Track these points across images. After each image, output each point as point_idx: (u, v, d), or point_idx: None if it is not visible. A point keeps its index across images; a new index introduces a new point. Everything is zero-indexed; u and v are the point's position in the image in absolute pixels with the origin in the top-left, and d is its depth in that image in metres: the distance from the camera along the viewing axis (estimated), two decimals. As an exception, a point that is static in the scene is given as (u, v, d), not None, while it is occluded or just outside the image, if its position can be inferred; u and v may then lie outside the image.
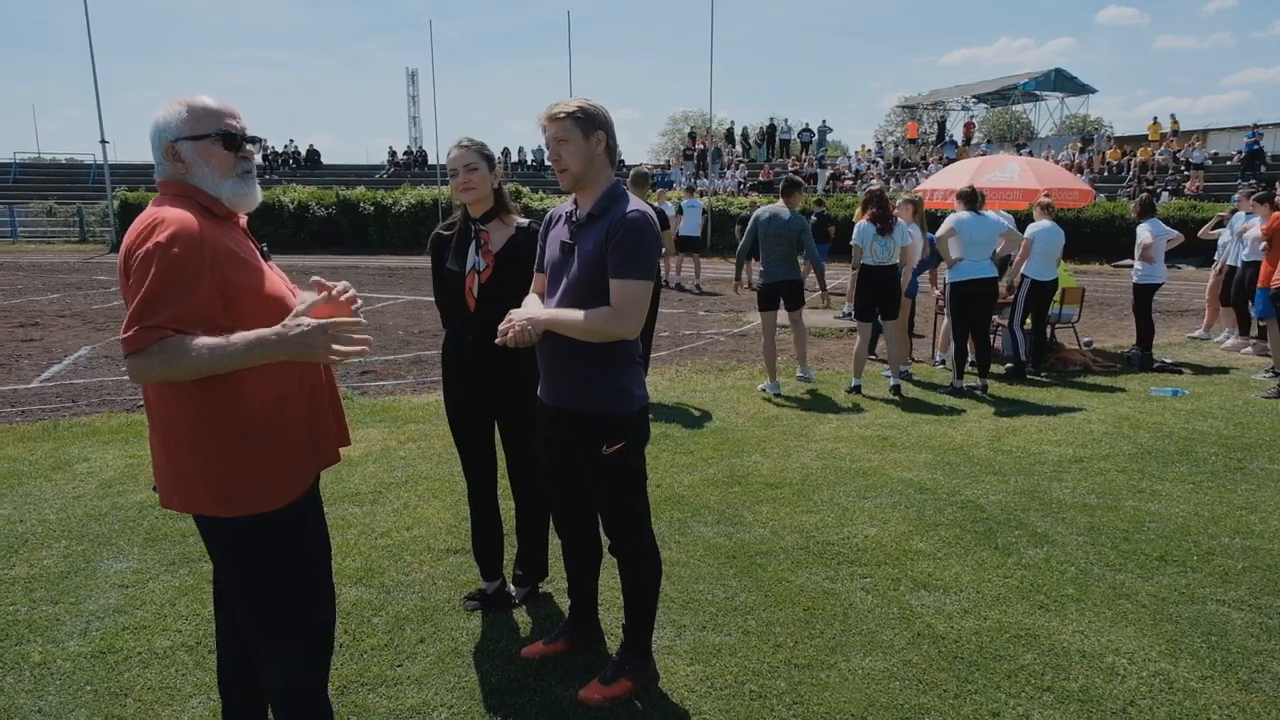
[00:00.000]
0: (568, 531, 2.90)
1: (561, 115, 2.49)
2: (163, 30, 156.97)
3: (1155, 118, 30.93)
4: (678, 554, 3.86)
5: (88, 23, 25.03)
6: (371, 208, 24.46)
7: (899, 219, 7.34)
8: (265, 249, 2.34)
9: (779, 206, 7.30)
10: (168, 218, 1.86)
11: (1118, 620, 3.26)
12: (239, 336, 1.82)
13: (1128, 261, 21.13)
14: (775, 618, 3.28)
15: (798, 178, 8.36)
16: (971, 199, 7.50)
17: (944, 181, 10.06)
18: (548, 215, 2.79)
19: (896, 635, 3.15)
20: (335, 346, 1.86)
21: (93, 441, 5.51)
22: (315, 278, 2.01)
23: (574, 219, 2.61)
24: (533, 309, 2.61)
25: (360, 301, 2.04)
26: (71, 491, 4.56)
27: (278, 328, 1.85)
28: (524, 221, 3.25)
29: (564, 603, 3.38)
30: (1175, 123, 30.43)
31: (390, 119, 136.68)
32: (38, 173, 33.67)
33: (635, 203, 2.53)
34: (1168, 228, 8.98)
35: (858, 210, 8.15)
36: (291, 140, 34.80)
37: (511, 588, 3.45)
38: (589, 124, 2.51)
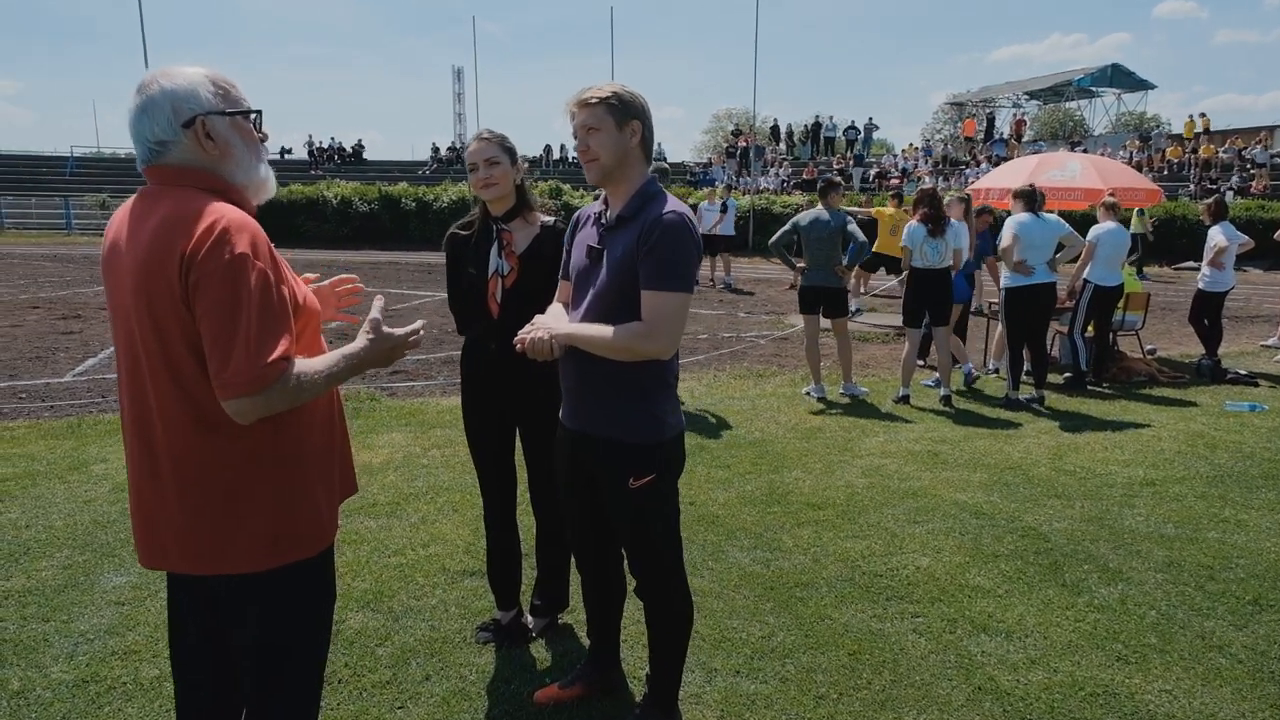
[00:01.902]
0: (588, 567, 2.61)
1: (594, 100, 2.20)
2: (215, 27, 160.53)
3: (1190, 115, 29.81)
4: (710, 583, 3.55)
5: (141, 18, 25.46)
6: (413, 203, 24.46)
7: (950, 218, 6.93)
8: None
9: (819, 210, 6.95)
10: (232, 219, 1.57)
11: (1210, 678, 2.87)
12: (337, 356, 1.72)
13: (1191, 264, 20.34)
14: (817, 663, 2.95)
15: (836, 178, 7.98)
16: (1031, 199, 7.05)
17: (1000, 180, 9.57)
18: (575, 216, 2.50)
19: (954, 689, 2.80)
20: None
21: (113, 440, 5.37)
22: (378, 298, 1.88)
23: (603, 221, 2.32)
24: (555, 321, 2.32)
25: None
26: (83, 495, 4.40)
27: (363, 341, 1.77)
28: (549, 219, 2.98)
29: (584, 635, 3.10)
30: (1206, 120, 29.23)
31: (436, 116, 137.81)
32: (95, 167, 34.41)
33: (673, 203, 2.22)
34: (1239, 232, 8.43)
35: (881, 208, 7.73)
36: (334, 137, 35.09)
37: (529, 618, 3.18)
38: (624, 112, 2.21)
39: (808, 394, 6.99)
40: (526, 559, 3.27)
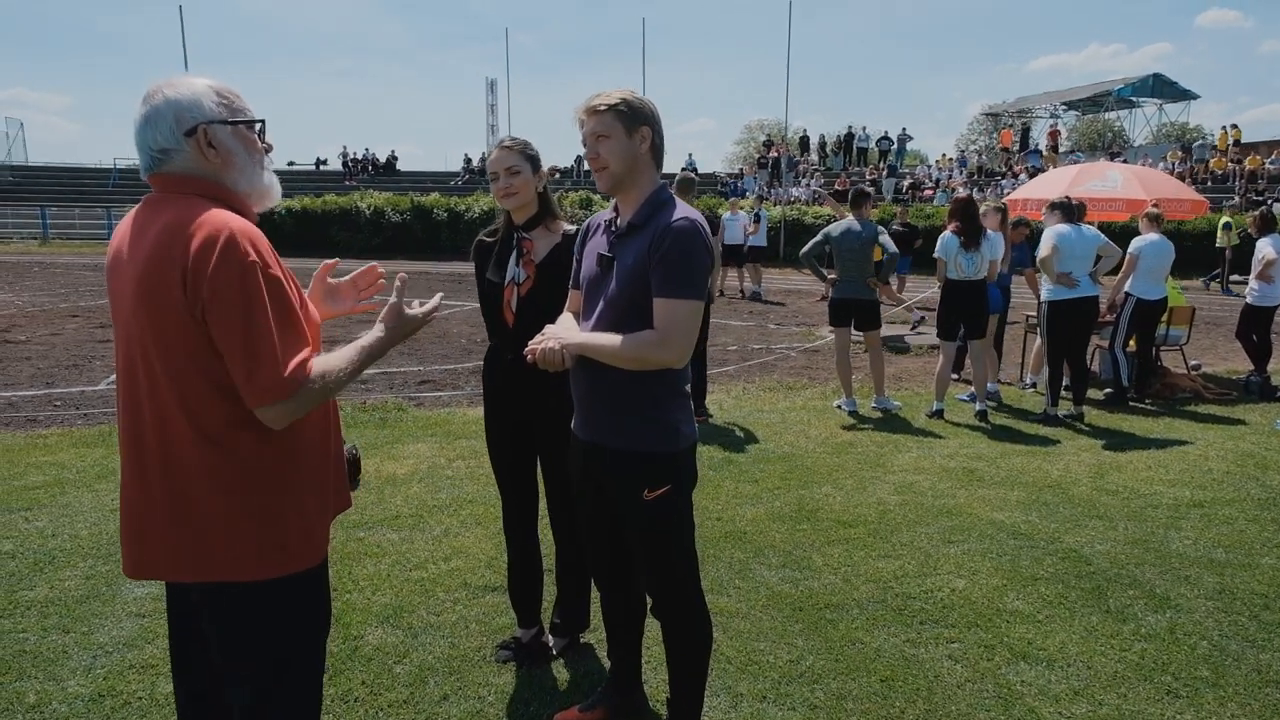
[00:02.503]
0: (606, 583, 2.53)
1: (602, 108, 2.14)
2: (255, 42, 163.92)
3: (1224, 126, 29.23)
4: (737, 603, 3.45)
5: (183, 33, 26.01)
6: (445, 214, 24.67)
7: (986, 229, 6.75)
8: None
9: (850, 220, 6.82)
10: (236, 227, 1.57)
11: (1268, 715, 2.71)
12: (355, 349, 1.74)
13: (1238, 278, 19.80)
14: (848, 689, 2.84)
15: (868, 187, 7.84)
16: (1069, 210, 6.87)
17: (1038, 191, 9.35)
18: (584, 225, 2.44)
19: (993, 721, 2.67)
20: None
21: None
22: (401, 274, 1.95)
23: (614, 229, 2.25)
24: (565, 330, 2.26)
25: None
26: (110, 503, 4.41)
27: (380, 330, 1.80)
28: (571, 229, 2.92)
29: (605, 656, 3.01)
30: (1238, 131, 28.62)
31: (469, 128, 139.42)
32: (136, 178, 35.02)
33: (683, 210, 2.16)
34: None
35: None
36: (368, 148, 35.50)
37: (549, 637, 3.10)
38: (633, 119, 2.15)
39: (839, 407, 6.86)
40: (549, 573, 3.20)
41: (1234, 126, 29.00)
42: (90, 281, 16.43)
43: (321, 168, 36.27)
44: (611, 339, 2.12)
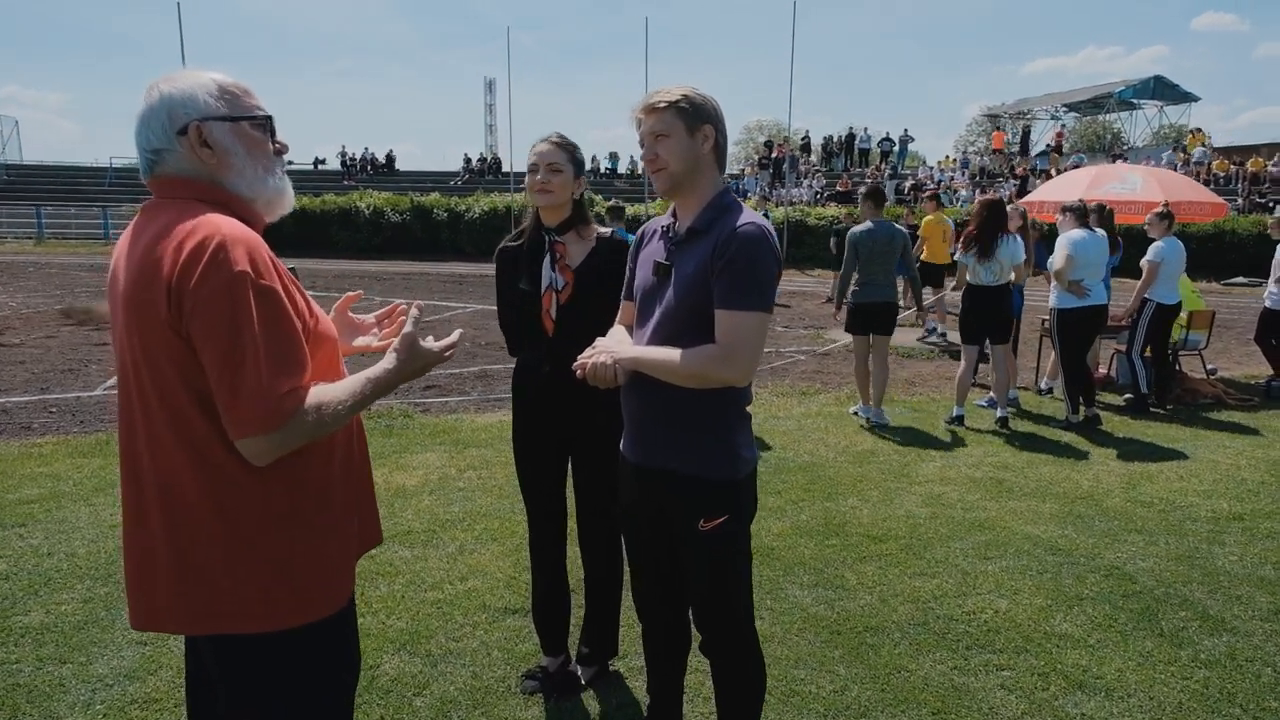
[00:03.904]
0: (651, 615, 2.36)
1: (662, 105, 1.97)
2: (254, 41, 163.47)
3: (1191, 130, 29.52)
4: (771, 626, 3.28)
5: (180, 32, 25.72)
6: (445, 214, 24.49)
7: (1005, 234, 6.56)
8: (294, 269, 1.89)
9: (866, 223, 6.50)
10: (227, 234, 1.38)
11: (1349, 753, 2.55)
12: (361, 380, 1.53)
13: (1241, 279, 19.68)
14: (898, 724, 2.67)
15: (883, 184, 7.63)
16: (1083, 214, 6.71)
17: (1055, 193, 9.19)
18: (639, 231, 2.26)
19: (1057, 760, 2.51)
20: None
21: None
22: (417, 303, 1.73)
23: (671, 235, 2.08)
24: (618, 344, 2.08)
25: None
26: (108, 519, 4.22)
27: (392, 361, 1.60)
28: (605, 231, 2.74)
29: (637, 684, 2.84)
30: (1202, 135, 28.97)
31: (468, 128, 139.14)
32: (133, 177, 34.60)
33: (749, 215, 1.98)
34: None
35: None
36: (367, 147, 35.32)
37: (577, 666, 2.92)
38: (695, 116, 1.98)
39: (854, 414, 6.67)
40: (574, 593, 3.02)
41: (1199, 130, 29.27)
42: (86, 282, 16.21)
43: (320, 167, 36.02)
44: (670, 354, 1.95)
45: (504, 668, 2.96)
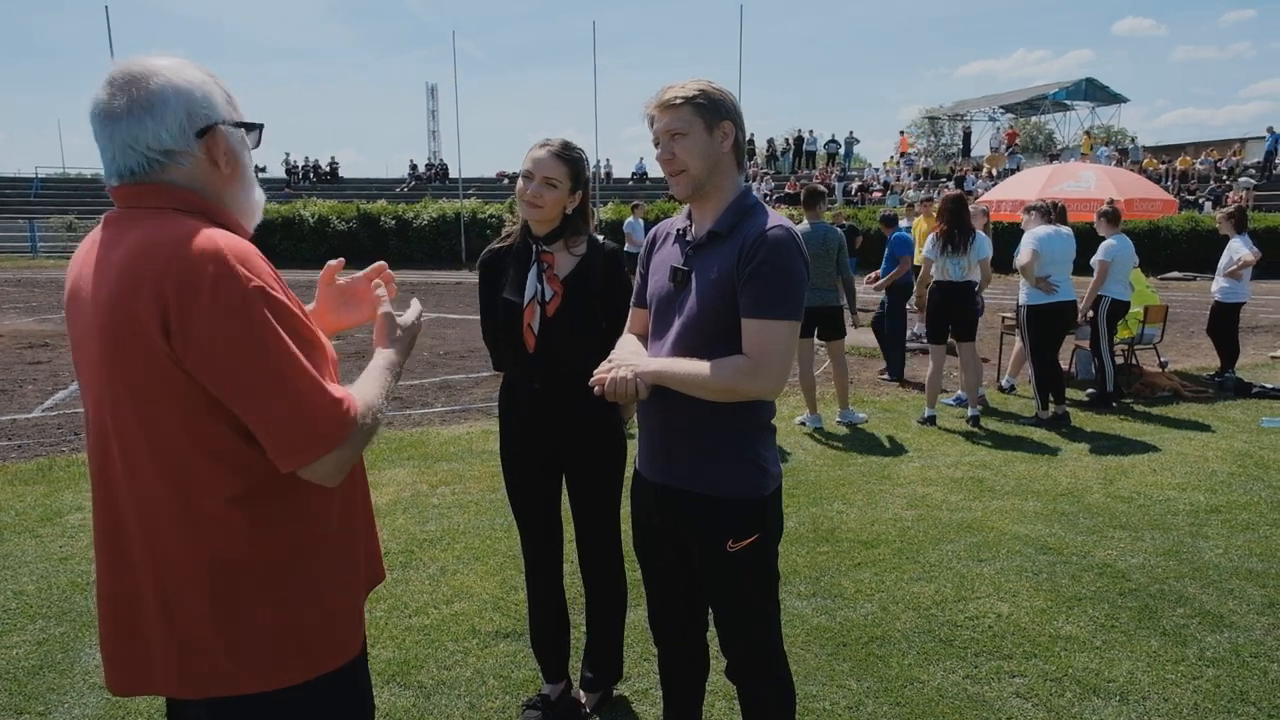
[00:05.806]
0: (668, 641, 2.23)
1: (678, 101, 1.85)
2: (185, 44, 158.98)
3: (1086, 131, 31.03)
4: (776, 640, 3.17)
5: (110, 37, 24.79)
6: (393, 221, 24.03)
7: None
8: None
9: (804, 225, 6.34)
10: (224, 246, 1.21)
11: (1368, 749, 2.54)
12: (382, 372, 1.45)
13: (1176, 274, 20.33)
14: (920, 739, 2.58)
15: (820, 186, 7.50)
16: (1047, 212, 6.79)
17: (1012, 192, 9.34)
18: (650, 233, 2.14)
19: (1086, 770, 2.45)
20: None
21: (90, 485, 4.90)
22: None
23: (689, 238, 1.96)
24: (637, 357, 1.95)
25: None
26: (59, 551, 3.93)
27: (396, 347, 1.52)
28: (599, 237, 2.61)
29: (644, 709, 2.71)
30: (1091, 137, 30.44)
31: (411, 134, 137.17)
32: (60, 187, 33.48)
33: (776, 217, 1.87)
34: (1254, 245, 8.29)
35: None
36: (308, 156, 34.53)
37: (580, 693, 2.78)
38: (714, 112, 1.86)
39: (801, 423, 6.45)
40: (572, 610, 2.87)
41: (1089, 133, 30.75)
42: (14, 298, 15.43)
43: (261, 175, 35.06)
44: (695, 366, 1.82)
45: (502, 697, 2.80)
